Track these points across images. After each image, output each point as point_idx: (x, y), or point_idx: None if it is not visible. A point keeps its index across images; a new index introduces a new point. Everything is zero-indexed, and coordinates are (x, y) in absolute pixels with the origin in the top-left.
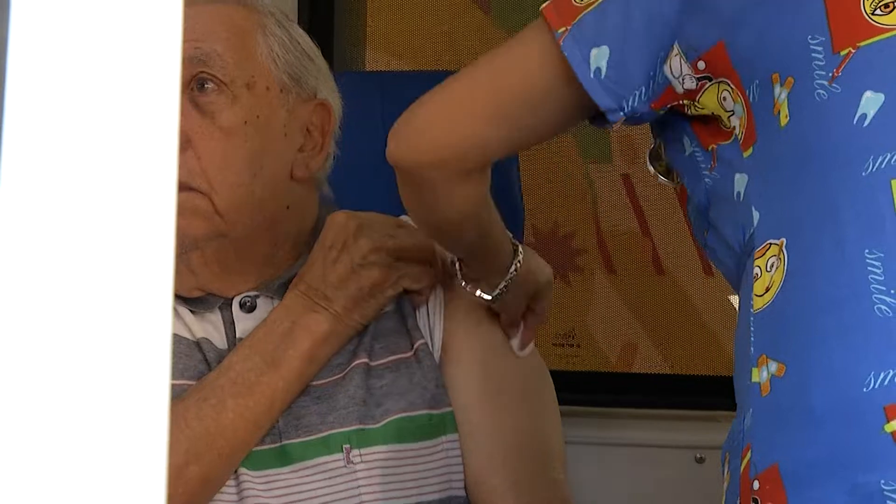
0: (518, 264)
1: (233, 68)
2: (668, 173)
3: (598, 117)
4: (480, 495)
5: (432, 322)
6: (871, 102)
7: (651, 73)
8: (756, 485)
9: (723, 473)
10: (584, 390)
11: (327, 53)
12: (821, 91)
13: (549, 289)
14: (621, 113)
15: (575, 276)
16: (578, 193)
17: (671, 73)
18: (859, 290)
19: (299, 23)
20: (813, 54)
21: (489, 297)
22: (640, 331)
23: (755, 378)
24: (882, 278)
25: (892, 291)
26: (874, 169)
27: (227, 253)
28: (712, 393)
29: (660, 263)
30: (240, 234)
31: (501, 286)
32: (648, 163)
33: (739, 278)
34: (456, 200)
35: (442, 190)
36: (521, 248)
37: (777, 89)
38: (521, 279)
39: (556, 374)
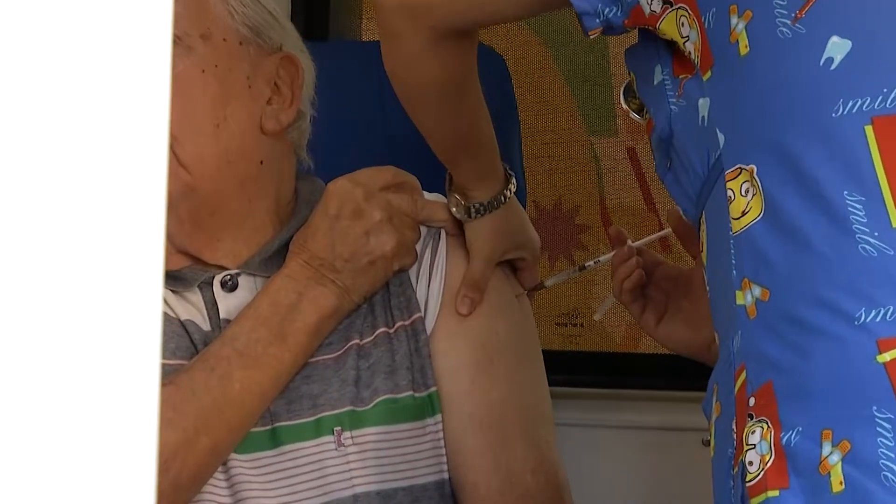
0: (506, 193)
1: (185, 22)
2: (640, 110)
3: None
4: (458, 457)
5: (434, 271)
6: (837, 47)
7: None
8: (752, 401)
9: (711, 405)
10: (587, 371)
11: (323, 22)
12: (784, 29)
13: (531, 256)
14: (597, 20)
15: (578, 253)
16: (582, 168)
17: None
18: (842, 229)
19: None
20: None
21: (461, 215)
22: None
23: (740, 301)
24: (865, 220)
25: (876, 234)
26: (845, 112)
27: (199, 210)
28: None
29: (666, 240)
30: (210, 188)
31: (477, 205)
32: (622, 99)
33: (701, 205)
34: (429, 62)
35: (415, 45)
36: (513, 182)
37: (734, 20)
38: (501, 220)
39: (559, 355)
